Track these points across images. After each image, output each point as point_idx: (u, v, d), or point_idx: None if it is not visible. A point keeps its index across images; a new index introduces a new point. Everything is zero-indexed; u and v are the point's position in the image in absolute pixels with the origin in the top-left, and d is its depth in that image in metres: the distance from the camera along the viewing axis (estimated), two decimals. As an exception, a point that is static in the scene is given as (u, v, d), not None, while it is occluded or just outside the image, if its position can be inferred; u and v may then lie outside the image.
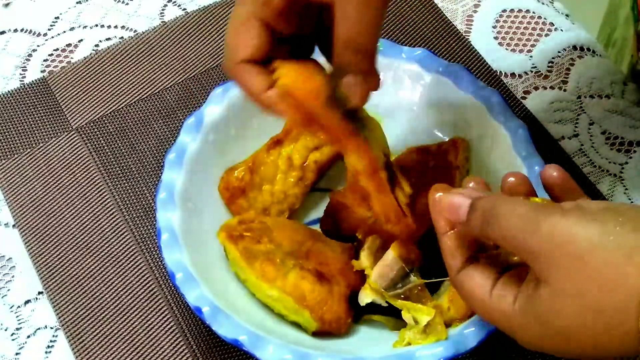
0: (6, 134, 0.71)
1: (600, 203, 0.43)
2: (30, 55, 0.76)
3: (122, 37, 0.77)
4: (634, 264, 0.39)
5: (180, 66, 0.74)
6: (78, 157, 0.69)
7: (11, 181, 0.68)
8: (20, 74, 0.75)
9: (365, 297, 0.55)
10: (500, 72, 0.74)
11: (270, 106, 0.48)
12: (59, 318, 0.62)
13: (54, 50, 0.76)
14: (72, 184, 0.68)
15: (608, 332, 0.40)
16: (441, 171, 0.61)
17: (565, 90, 0.73)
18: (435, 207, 0.48)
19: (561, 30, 0.76)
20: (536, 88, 0.73)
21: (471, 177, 0.50)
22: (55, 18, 0.78)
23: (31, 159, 0.69)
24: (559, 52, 0.75)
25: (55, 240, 0.65)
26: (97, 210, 0.67)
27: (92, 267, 0.64)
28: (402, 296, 0.54)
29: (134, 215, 0.66)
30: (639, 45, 0.76)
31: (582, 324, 0.41)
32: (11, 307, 0.63)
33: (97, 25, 0.78)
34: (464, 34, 0.76)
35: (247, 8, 0.47)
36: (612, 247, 0.39)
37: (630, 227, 0.40)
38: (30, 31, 0.78)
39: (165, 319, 0.62)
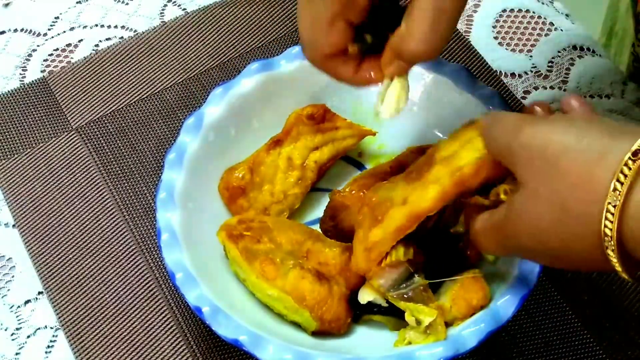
0: (6, 134, 0.71)
1: (581, 114, 0.46)
2: (30, 55, 0.76)
3: (122, 37, 0.77)
4: (602, 167, 0.40)
5: (180, 66, 0.74)
6: (78, 157, 0.69)
7: (11, 181, 0.68)
8: (20, 74, 0.75)
9: (366, 295, 0.55)
10: (500, 72, 0.74)
11: (364, 83, 0.54)
12: (59, 318, 0.62)
13: (54, 50, 0.76)
14: (72, 184, 0.68)
15: (574, 233, 0.41)
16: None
17: (565, 90, 0.73)
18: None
19: (561, 30, 0.76)
20: (536, 88, 0.73)
21: (535, 102, 0.51)
22: (55, 18, 0.78)
23: (31, 159, 0.69)
24: (559, 52, 0.75)
25: (55, 240, 0.65)
26: (97, 210, 0.67)
27: (92, 267, 0.64)
28: (406, 297, 0.54)
29: (134, 215, 0.66)
30: (638, 27, 0.76)
31: (551, 221, 0.42)
32: (11, 307, 0.63)
33: (97, 25, 0.78)
34: (464, 34, 0.76)
35: (332, 8, 0.49)
36: (584, 149, 0.41)
37: (606, 132, 0.41)
38: (30, 31, 0.78)
39: (165, 319, 0.62)
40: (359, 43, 0.52)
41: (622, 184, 0.39)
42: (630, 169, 0.39)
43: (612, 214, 0.39)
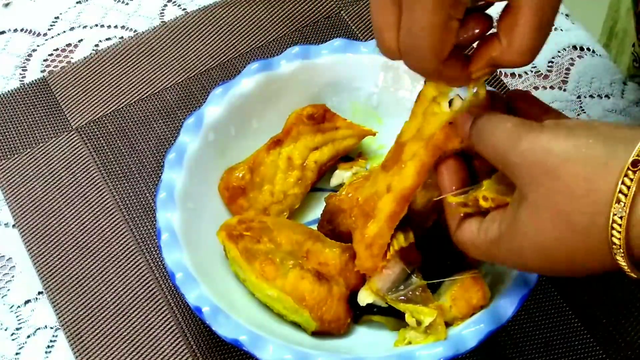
0: (6, 134, 0.71)
1: (577, 120, 0.45)
2: (30, 55, 0.76)
3: (122, 37, 0.77)
4: (604, 179, 0.40)
5: (180, 66, 0.74)
6: (78, 157, 0.69)
7: (11, 181, 0.68)
8: (20, 74, 0.75)
9: (365, 297, 0.56)
10: (500, 72, 0.74)
11: (467, 80, 0.50)
12: (59, 318, 0.62)
13: (54, 50, 0.76)
14: (72, 184, 0.68)
15: (580, 246, 0.42)
16: None
17: (565, 90, 0.73)
18: (441, 176, 0.51)
19: (561, 30, 0.76)
20: (536, 88, 0.73)
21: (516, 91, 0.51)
22: (55, 18, 0.78)
23: (31, 159, 0.69)
24: (559, 52, 0.75)
25: (55, 240, 0.65)
26: (97, 210, 0.67)
27: (92, 267, 0.64)
28: (404, 298, 0.54)
29: (134, 215, 0.66)
30: (639, 27, 0.76)
31: (556, 237, 0.42)
32: (11, 307, 0.63)
33: (97, 25, 0.78)
34: (464, 34, 0.76)
35: (446, 12, 0.45)
36: (583, 160, 0.41)
37: (602, 141, 0.41)
38: (30, 31, 0.78)
39: (165, 319, 0.62)
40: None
41: (625, 195, 0.39)
42: (631, 179, 0.39)
43: (619, 225, 0.39)
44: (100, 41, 0.77)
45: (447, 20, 0.45)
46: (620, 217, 0.39)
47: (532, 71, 0.74)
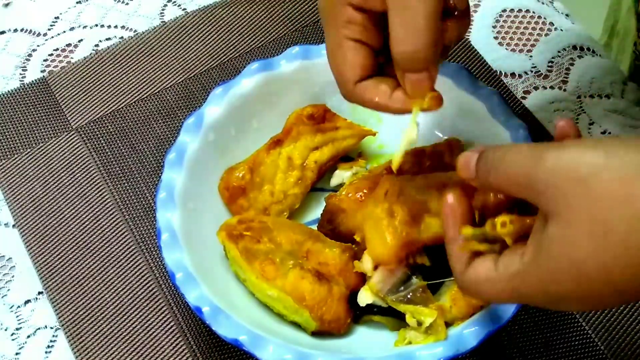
0: (6, 134, 0.71)
1: (599, 138, 0.43)
2: (30, 55, 0.76)
3: (122, 37, 0.77)
4: (638, 183, 0.38)
5: (180, 66, 0.74)
6: (78, 157, 0.69)
7: (11, 181, 0.68)
8: (20, 74, 0.75)
9: (365, 298, 0.56)
10: (500, 72, 0.74)
11: (401, 109, 0.51)
12: (59, 318, 0.62)
13: (54, 50, 0.76)
14: (72, 184, 0.68)
15: (618, 256, 0.38)
16: (437, 172, 0.60)
17: (565, 90, 0.73)
18: (445, 214, 0.48)
19: (561, 30, 0.76)
20: (536, 88, 0.73)
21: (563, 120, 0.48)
22: (55, 18, 0.78)
23: (31, 159, 0.69)
24: (559, 51, 0.75)
25: (55, 240, 0.65)
26: (97, 210, 0.67)
27: (92, 267, 0.64)
28: (405, 299, 0.54)
29: (134, 215, 0.66)
30: None
31: (594, 249, 0.39)
32: (11, 307, 0.63)
33: (97, 25, 0.78)
34: (464, 34, 0.76)
35: (339, 32, 0.49)
36: (617, 167, 0.38)
37: (634, 146, 0.39)
38: (30, 31, 0.78)
39: (165, 319, 0.62)
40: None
41: None
42: None
43: None
44: (100, 41, 0.77)
45: (341, 41, 0.49)
46: None
47: (532, 71, 0.74)
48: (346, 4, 0.49)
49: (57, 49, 0.76)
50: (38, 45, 0.77)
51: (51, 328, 0.62)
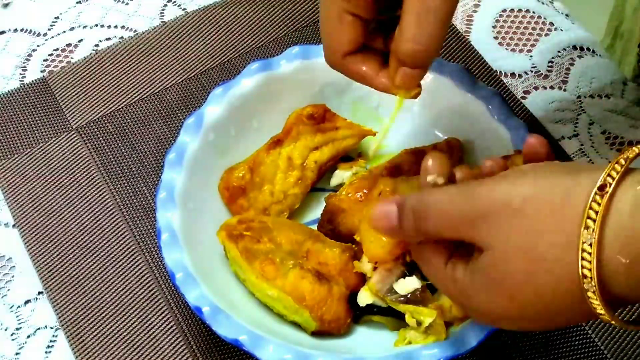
0: (6, 134, 0.71)
1: (532, 164, 0.43)
2: (30, 55, 0.76)
3: (122, 37, 0.77)
4: (570, 207, 0.38)
5: (180, 66, 0.74)
6: (78, 157, 0.69)
7: (11, 181, 0.68)
8: (20, 74, 0.75)
9: (365, 298, 0.56)
10: (500, 72, 0.74)
11: (386, 88, 0.52)
12: (59, 318, 0.62)
13: (54, 50, 0.76)
14: (72, 184, 0.68)
15: (549, 281, 0.39)
16: None
17: (565, 90, 0.73)
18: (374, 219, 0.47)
19: (561, 30, 0.76)
20: (536, 88, 0.73)
21: (459, 167, 0.48)
22: (55, 18, 0.78)
23: (31, 159, 0.69)
24: (559, 51, 0.75)
25: (55, 240, 0.65)
26: (97, 210, 0.67)
27: (92, 267, 0.64)
28: (404, 299, 0.54)
29: (134, 215, 0.66)
30: None
31: (526, 278, 0.40)
32: (11, 307, 0.63)
33: (97, 25, 0.78)
34: (463, 34, 0.76)
35: (338, 4, 0.50)
36: (547, 193, 0.39)
37: (564, 171, 0.40)
38: (30, 31, 0.78)
39: (165, 319, 0.62)
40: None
41: (594, 220, 0.37)
42: (599, 204, 0.37)
43: (589, 253, 0.37)
44: (100, 41, 0.77)
45: (339, 12, 0.49)
46: (590, 245, 0.37)
47: (532, 71, 0.74)
48: None
49: (57, 49, 0.76)
50: (38, 45, 0.77)
51: (51, 328, 0.62)
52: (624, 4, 0.84)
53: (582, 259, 0.38)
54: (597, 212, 0.37)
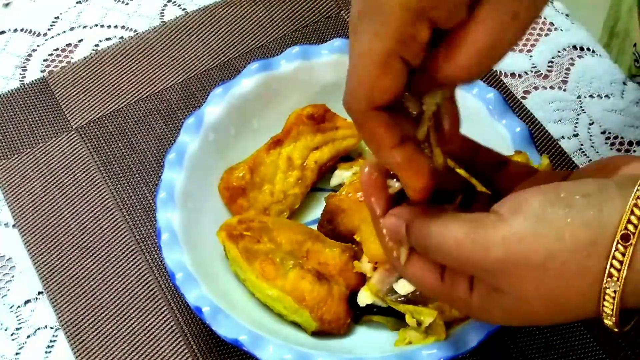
0: (6, 134, 0.71)
1: (536, 193, 0.40)
2: (30, 55, 0.76)
3: (122, 37, 0.77)
4: (594, 259, 0.38)
5: (180, 66, 0.74)
6: (78, 157, 0.69)
7: (11, 181, 0.68)
8: (20, 74, 0.75)
9: (365, 298, 0.55)
10: (500, 72, 0.74)
11: (396, 168, 0.42)
12: (59, 318, 0.62)
13: (54, 50, 0.76)
14: (72, 184, 0.68)
15: (570, 318, 0.42)
16: None
17: (565, 90, 0.73)
18: (368, 188, 0.44)
19: (561, 30, 0.76)
20: (536, 88, 0.73)
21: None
22: (55, 18, 0.78)
23: (31, 159, 0.69)
24: (559, 51, 0.75)
25: (55, 240, 0.65)
26: (97, 210, 0.67)
27: (92, 267, 0.64)
28: (404, 299, 0.54)
29: (134, 215, 0.66)
30: None
31: (549, 317, 0.42)
32: (11, 307, 0.63)
33: (97, 25, 0.78)
34: (464, 34, 0.76)
35: (386, 44, 0.38)
36: (570, 248, 0.39)
37: (581, 221, 0.39)
38: (30, 31, 0.78)
39: (165, 319, 0.62)
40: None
41: (618, 270, 0.38)
42: (623, 254, 0.38)
43: (613, 297, 0.39)
44: (100, 41, 0.77)
45: (387, 54, 0.38)
46: (614, 291, 0.38)
47: (532, 71, 0.74)
48: (419, 12, 0.37)
49: (57, 49, 0.76)
50: (38, 45, 0.77)
51: (51, 328, 0.62)
52: (620, 4, 0.84)
53: (603, 304, 0.39)
54: (621, 262, 0.38)
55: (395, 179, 0.44)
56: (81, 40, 0.77)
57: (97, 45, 0.76)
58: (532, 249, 0.39)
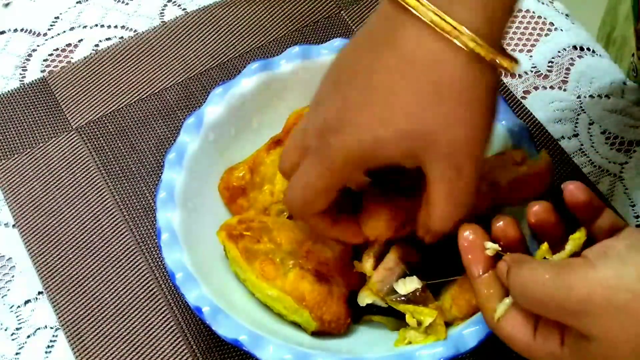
0: (6, 134, 0.71)
1: (623, 239, 0.42)
2: (30, 55, 0.76)
3: (122, 37, 0.77)
4: None
5: (180, 66, 0.74)
6: (78, 157, 0.69)
7: (11, 181, 0.68)
8: (20, 74, 0.75)
9: (365, 298, 0.55)
10: (500, 72, 0.74)
11: (342, 239, 0.54)
12: (59, 318, 0.62)
13: (54, 50, 0.76)
14: (72, 184, 0.68)
15: None
16: None
17: (565, 90, 0.73)
18: (466, 250, 0.49)
19: (561, 30, 0.76)
20: (536, 88, 0.73)
21: (499, 217, 0.49)
22: (55, 18, 0.78)
23: (31, 159, 0.69)
24: (559, 52, 0.75)
25: (55, 240, 0.65)
26: (97, 210, 0.67)
27: (92, 267, 0.64)
28: (405, 299, 0.54)
29: (134, 215, 0.66)
30: (639, 44, 0.76)
31: (634, 358, 0.41)
32: (11, 307, 0.63)
33: (97, 25, 0.78)
34: (464, 34, 0.76)
35: (327, 184, 0.49)
36: None
37: None
38: (30, 31, 0.78)
39: (165, 319, 0.62)
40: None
41: None
42: None
43: None
44: (100, 41, 0.77)
45: (328, 190, 0.49)
46: None
47: (532, 71, 0.74)
48: (358, 165, 0.48)
49: (57, 49, 0.76)
50: (38, 45, 0.77)
51: (51, 328, 0.62)
52: (616, 10, 0.84)
53: None
54: None
55: (493, 242, 0.48)
56: (81, 40, 0.77)
57: (97, 45, 0.77)
58: (615, 290, 0.40)
